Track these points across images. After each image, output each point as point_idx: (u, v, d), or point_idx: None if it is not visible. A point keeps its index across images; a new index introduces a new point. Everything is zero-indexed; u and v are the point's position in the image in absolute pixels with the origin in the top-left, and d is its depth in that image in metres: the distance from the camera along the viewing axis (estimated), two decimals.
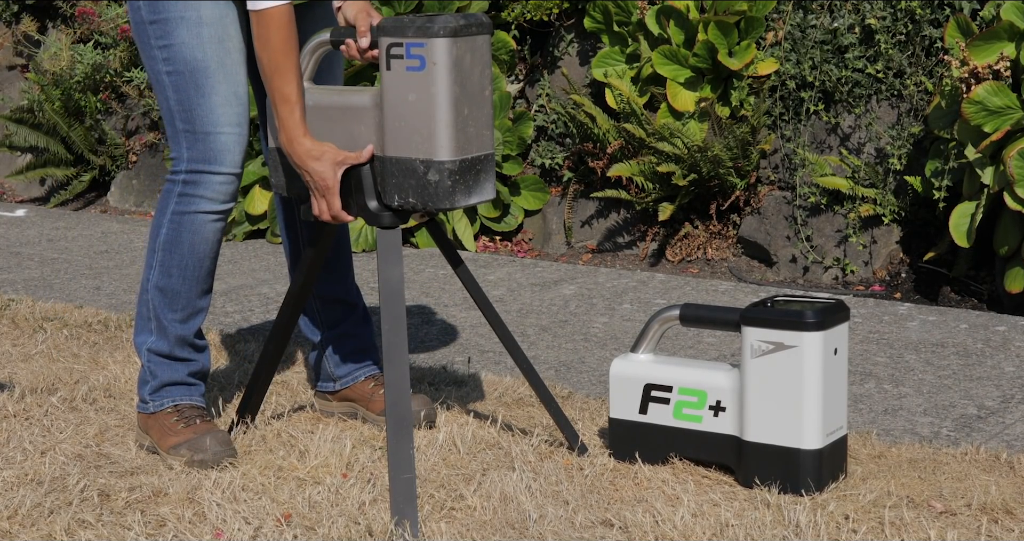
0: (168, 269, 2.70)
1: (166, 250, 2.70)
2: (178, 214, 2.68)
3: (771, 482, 2.52)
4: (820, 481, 2.51)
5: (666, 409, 2.63)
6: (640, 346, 2.70)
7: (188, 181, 2.66)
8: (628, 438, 2.68)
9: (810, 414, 2.49)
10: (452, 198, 2.44)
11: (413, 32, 2.38)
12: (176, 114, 2.66)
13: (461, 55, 2.39)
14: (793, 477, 2.50)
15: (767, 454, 2.52)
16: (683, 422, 2.62)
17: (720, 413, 2.58)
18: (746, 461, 2.55)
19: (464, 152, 2.44)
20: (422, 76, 2.39)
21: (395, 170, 2.47)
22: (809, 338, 2.47)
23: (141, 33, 2.67)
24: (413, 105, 2.41)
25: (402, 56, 2.39)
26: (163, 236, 2.70)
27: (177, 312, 2.73)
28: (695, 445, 2.62)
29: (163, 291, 2.72)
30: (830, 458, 2.53)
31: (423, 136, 2.42)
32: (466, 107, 2.43)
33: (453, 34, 2.37)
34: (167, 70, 2.64)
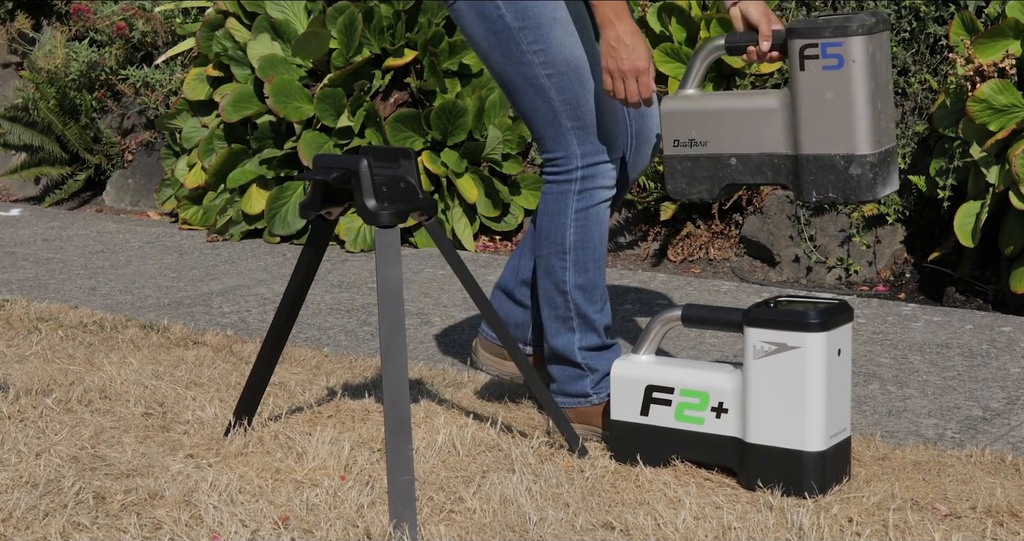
0: (584, 265, 2.76)
1: (579, 248, 2.74)
2: (583, 210, 2.73)
3: (774, 484, 2.50)
4: (823, 483, 2.49)
5: (667, 411, 2.62)
6: (642, 347, 2.68)
7: (586, 176, 2.71)
8: (629, 440, 2.66)
9: (813, 416, 2.47)
10: (873, 190, 2.53)
11: (830, 32, 2.49)
12: (562, 113, 2.68)
13: (874, 51, 2.50)
14: (796, 479, 2.49)
15: (770, 456, 2.50)
16: (685, 424, 2.61)
17: (722, 415, 2.56)
18: (748, 463, 2.53)
19: (880, 144, 2.54)
20: (840, 74, 2.49)
21: (812, 167, 2.55)
22: (812, 339, 2.45)
23: (507, 40, 2.68)
24: (831, 103, 2.50)
25: (818, 56, 2.50)
26: (572, 235, 2.74)
27: (596, 303, 2.79)
28: (697, 447, 2.60)
29: (583, 288, 2.77)
30: (833, 460, 2.52)
31: (843, 132, 2.51)
32: (879, 101, 2.53)
33: (868, 32, 2.48)
34: (547, 73, 2.67)
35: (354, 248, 4.95)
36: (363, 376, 3.32)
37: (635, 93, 2.58)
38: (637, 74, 2.56)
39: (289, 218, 5.14)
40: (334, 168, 2.52)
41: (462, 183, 4.97)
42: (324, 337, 3.81)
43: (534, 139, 2.78)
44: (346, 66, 5.00)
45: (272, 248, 5.12)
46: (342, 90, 5.01)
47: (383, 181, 2.50)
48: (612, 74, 2.58)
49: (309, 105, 5.06)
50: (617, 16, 2.55)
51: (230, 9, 5.43)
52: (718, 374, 2.59)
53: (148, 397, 3.12)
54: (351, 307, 4.15)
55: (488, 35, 2.68)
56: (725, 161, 2.66)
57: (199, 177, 5.41)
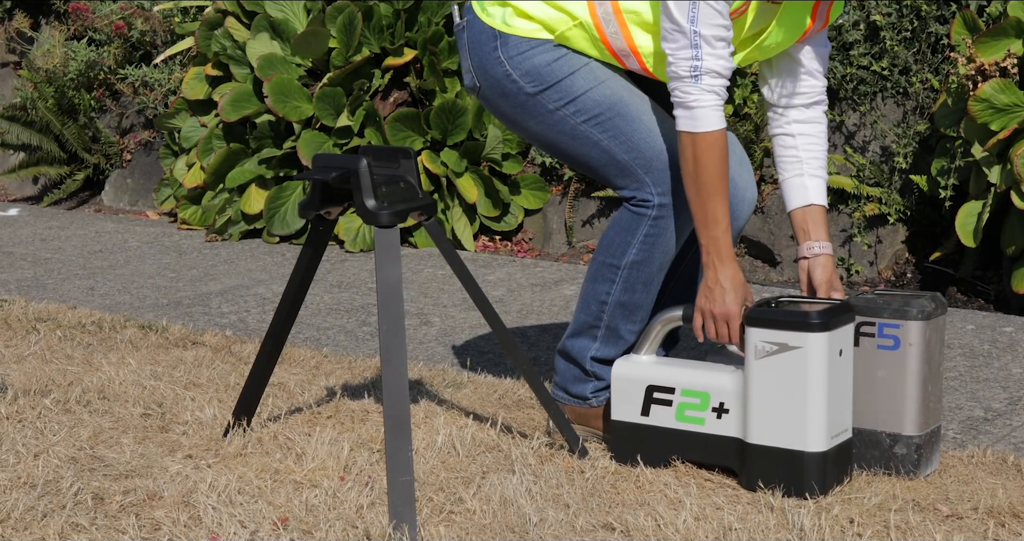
0: (633, 285, 2.74)
1: (634, 269, 2.72)
2: (651, 237, 2.69)
3: (775, 485, 2.49)
4: (824, 484, 2.48)
5: (668, 411, 2.61)
6: (642, 347, 2.67)
7: (663, 204, 2.67)
8: (630, 440, 2.66)
9: (815, 416, 2.47)
10: (917, 470, 2.58)
11: (889, 314, 2.55)
12: (615, 150, 2.67)
13: (930, 336, 2.56)
14: (797, 480, 2.48)
15: (771, 457, 2.50)
16: (685, 424, 2.60)
17: (723, 415, 2.56)
18: (749, 464, 2.53)
19: (927, 426, 2.59)
20: (895, 355, 2.56)
21: (857, 441, 2.60)
22: (814, 339, 2.45)
23: (534, 107, 2.70)
24: (883, 381, 2.57)
25: (874, 335, 2.57)
26: (633, 256, 2.71)
27: (635, 324, 2.77)
28: (698, 447, 2.60)
29: (625, 305, 2.75)
30: (835, 461, 2.51)
31: (892, 411, 2.57)
32: (930, 383, 2.58)
33: (927, 318, 2.55)
34: (583, 120, 2.68)
35: (353, 248, 4.95)
36: (362, 376, 3.32)
37: (725, 336, 2.58)
38: (728, 319, 2.56)
39: (288, 218, 5.13)
40: (333, 168, 2.51)
41: (462, 183, 4.96)
42: (323, 337, 3.80)
43: (608, 187, 2.77)
44: (345, 65, 5.00)
45: (271, 248, 5.11)
46: (341, 89, 5.00)
47: (382, 181, 2.49)
48: (704, 313, 2.58)
49: (308, 104, 5.05)
50: (721, 260, 2.55)
51: (229, 8, 5.42)
52: (719, 374, 2.58)
53: (147, 397, 3.11)
54: (350, 307, 4.14)
55: (516, 109, 2.72)
56: None
57: (198, 177, 5.40)
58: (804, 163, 2.74)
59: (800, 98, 2.75)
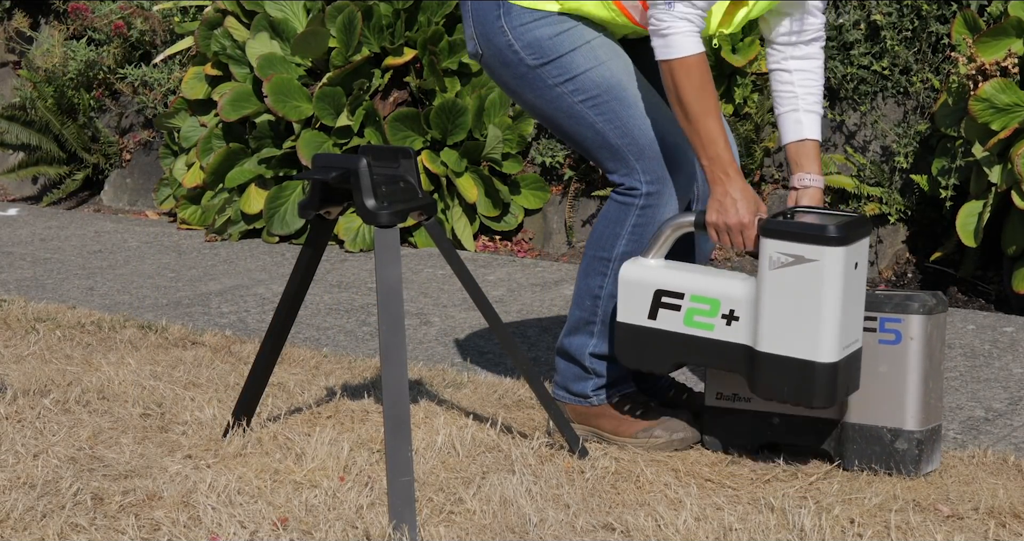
0: None
1: (625, 260, 2.71)
2: (640, 227, 2.71)
3: (783, 390, 2.49)
4: (833, 394, 2.49)
5: (676, 316, 2.60)
6: (650, 251, 2.66)
7: (650, 193, 2.69)
8: (635, 343, 2.64)
9: (828, 328, 2.46)
10: (918, 466, 2.59)
11: (890, 308, 2.57)
12: (608, 134, 2.69)
13: (931, 331, 2.57)
14: (808, 389, 2.48)
15: (781, 365, 2.49)
16: (694, 329, 2.59)
17: (733, 322, 2.55)
18: (759, 371, 2.52)
19: (928, 422, 2.60)
20: (896, 349, 2.57)
21: (858, 436, 2.61)
22: (831, 253, 2.44)
23: (533, 79, 2.71)
24: (884, 376, 2.58)
25: (875, 330, 2.58)
26: (622, 247, 2.73)
27: None
28: (705, 352, 2.59)
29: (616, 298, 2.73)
30: (845, 371, 2.51)
31: (893, 406, 2.58)
32: (931, 380, 2.59)
33: (929, 312, 2.56)
34: (580, 99, 2.69)
35: (353, 248, 4.94)
36: (362, 376, 3.31)
37: (740, 244, 2.58)
38: (742, 228, 2.56)
39: (288, 218, 5.13)
40: (333, 167, 2.51)
41: (462, 183, 4.95)
42: (323, 337, 3.80)
43: (598, 167, 2.77)
44: (345, 65, 4.99)
45: (271, 248, 5.11)
46: (341, 89, 5.00)
47: (382, 180, 2.49)
48: (718, 227, 2.58)
49: (308, 104, 5.05)
50: (727, 174, 2.55)
51: (229, 8, 5.42)
52: (730, 281, 2.57)
53: (146, 398, 3.10)
54: (350, 307, 4.14)
55: (516, 80, 2.72)
56: (768, 420, 2.70)
57: (197, 176, 5.40)
58: (799, 98, 2.75)
59: (799, 36, 2.76)
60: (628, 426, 2.78)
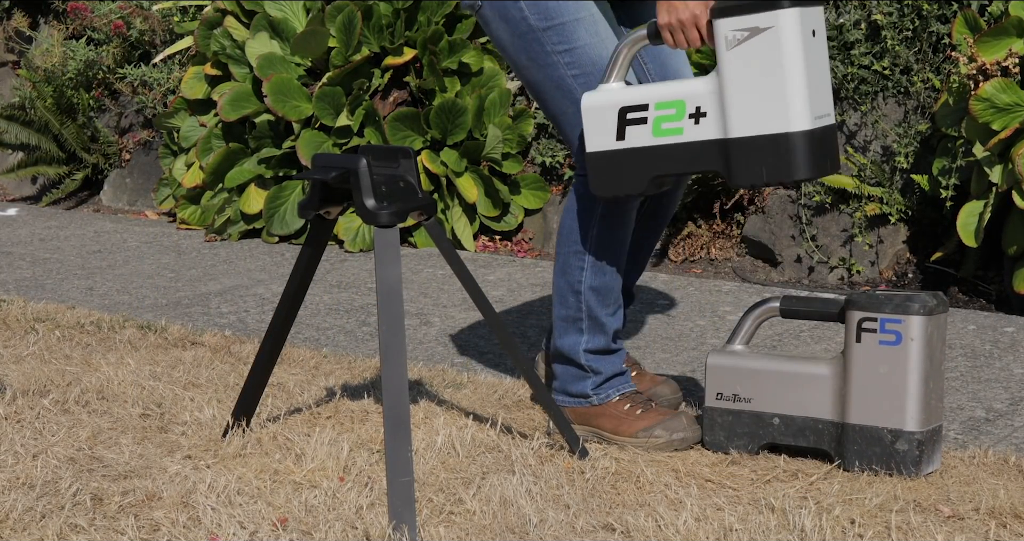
0: (601, 268, 2.76)
1: (600, 249, 2.73)
2: (609, 215, 2.71)
3: (761, 171, 2.46)
4: (813, 164, 2.45)
5: (644, 129, 2.55)
6: (610, 76, 2.61)
7: None
8: (609, 169, 2.59)
9: (796, 95, 2.41)
10: (919, 467, 2.58)
11: (891, 309, 2.56)
12: None
13: (932, 331, 2.57)
14: (786, 162, 2.44)
15: (755, 146, 2.45)
16: (664, 138, 2.54)
17: (701, 119, 2.50)
18: (735, 159, 2.48)
19: (929, 423, 2.60)
20: (897, 350, 2.56)
21: (858, 437, 2.61)
22: (785, 15, 2.39)
23: (532, 42, 2.67)
24: (885, 377, 2.58)
25: (875, 330, 2.57)
26: (594, 238, 2.72)
27: (609, 307, 2.79)
28: (678, 158, 2.54)
29: (597, 290, 2.77)
30: (821, 143, 2.47)
31: (893, 407, 2.57)
32: (931, 380, 2.59)
33: (929, 313, 2.56)
34: (573, 74, 2.65)
35: (353, 248, 4.94)
36: (362, 377, 3.31)
37: (697, 40, 2.52)
38: (696, 21, 2.50)
39: (287, 218, 5.12)
40: (333, 167, 2.51)
41: (462, 182, 4.95)
42: (323, 337, 3.79)
43: (565, 142, 2.75)
44: (345, 65, 4.99)
45: (270, 248, 5.10)
46: (341, 89, 4.99)
47: (382, 180, 2.48)
48: (671, 28, 2.52)
49: (308, 104, 5.04)
50: None
51: (228, 7, 5.41)
52: (691, 82, 2.54)
53: (146, 398, 3.10)
54: (350, 307, 4.13)
55: (513, 38, 2.67)
56: (768, 420, 2.70)
57: (197, 176, 5.39)
58: None
59: None
60: (628, 425, 2.78)
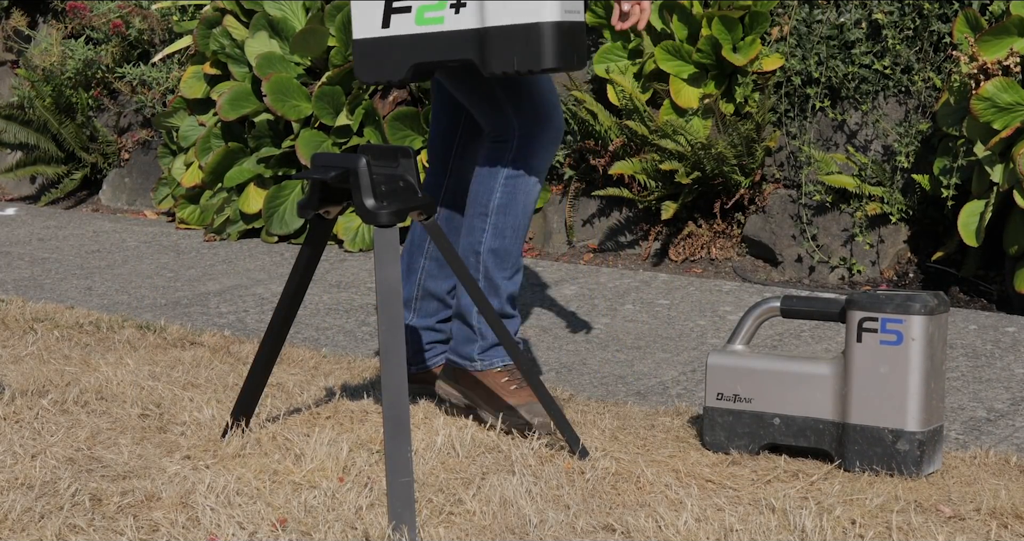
0: (502, 230, 2.86)
1: (501, 213, 2.85)
2: (511, 178, 2.84)
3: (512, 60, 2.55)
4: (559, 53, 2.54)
5: (408, 18, 2.63)
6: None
7: (521, 146, 2.81)
8: (373, 56, 2.67)
9: None
10: (920, 467, 2.58)
11: (892, 309, 2.58)
12: (496, 85, 2.77)
13: (933, 331, 2.59)
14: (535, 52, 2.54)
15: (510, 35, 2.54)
16: (426, 26, 2.62)
17: (461, 9, 2.59)
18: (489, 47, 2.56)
19: (930, 423, 2.60)
20: (898, 350, 2.58)
21: (859, 438, 2.62)
22: None
23: None
24: (885, 377, 2.59)
25: (876, 330, 2.59)
26: (497, 200, 2.85)
27: (506, 270, 2.89)
28: (438, 47, 2.61)
29: (496, 252, 2.87)
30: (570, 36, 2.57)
31: (894, 407, 2.58)
32: (932, 380, 2.60)
33: (930, 312, 2.57)
34: None
35: (353, 248, 4.93)
36: (362, 377, 3.30)
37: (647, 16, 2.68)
38: None
39: (287, 217, 5.12)
40: (332, 167, 2.50)
41: None
42: (322, 337, 3.78)
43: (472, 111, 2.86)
44: (344, 64, 4.98)
45: (270, 248, 5.10)
46: (340, 88, 4.98)
47: (382, 180, 2.48)
48: None
49: (307, 103, 5.04)
50: None
51: (228, 7, 5.40)
52: None
53: (145, 398, 3.09)
54: (349, 307, 4.13)
55: None
56: (768, 420, 2.71)
57: (196, 176, 5.39)
58: None
59: None
60: (498, 401, 2.84)
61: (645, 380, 3.35)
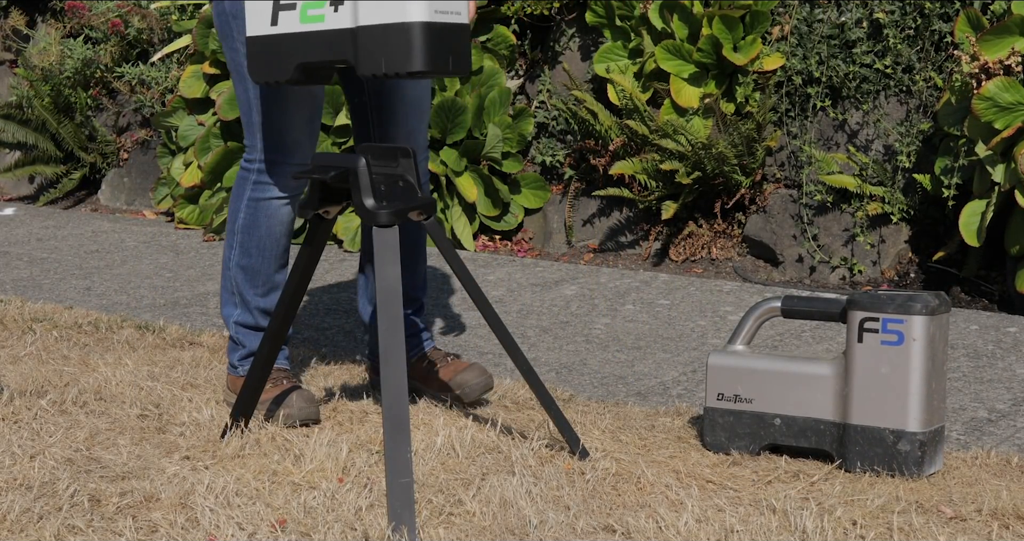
0: (248, 249, 2.93)
1: (245, 232, 2.92)
2: (254, 201, 2.89)
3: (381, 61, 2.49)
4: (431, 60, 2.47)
5: (293, 15, 2.60)
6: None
7: (262, 170, 2.86)
8: (263, 55, 2.62)
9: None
10: (920, 467, 2.58)
11: (893, 309, 2.57)
12: (253, 106, 2.83)
13: (934, 332, 2.58)
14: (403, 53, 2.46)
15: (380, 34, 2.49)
16: (308, 25, 2.58)
17: (339, 7, 2.54)
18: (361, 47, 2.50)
19: (931, 424, 2.60)
20: (899, 350, 2.58)
21: (860, 438, 2.62)
22: None
23: (224, 24, 2.83)
24: (886, 377, 2.58)
25: (877, 330, 2.59)
26: (241, 220, 2.91)
27: (258, 288, 2.96)
28: (319, 47, 2.57)
29: (245, 269, 2.94)
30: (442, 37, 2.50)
31: (895, 408, 2.58)
32: (933, 381, 2.60)
33: (931, 313, 2.57)
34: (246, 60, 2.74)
35: (352, 248, 4.92)
36: (361, 377, 3.30)
37: None
38: None
39: None
40: (332, 167, 2.50)
41: (461, 182, 4.94)
42: (322, 338, 3.78)
43: None
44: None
45: None
46: (340, 88, 4.98)
47: (381, 180, 2.48)
48: None
49: None
50: None
51: None
52: None
53: (144, 398, 3.09)
54: (349, 307, 4.12)
55: (217, 16, 2.84)
56: (769, 421, 2.70)
57: (195, 176, 5.38)
58: None
59: None
60: None
61: (645, 380, 3.35)
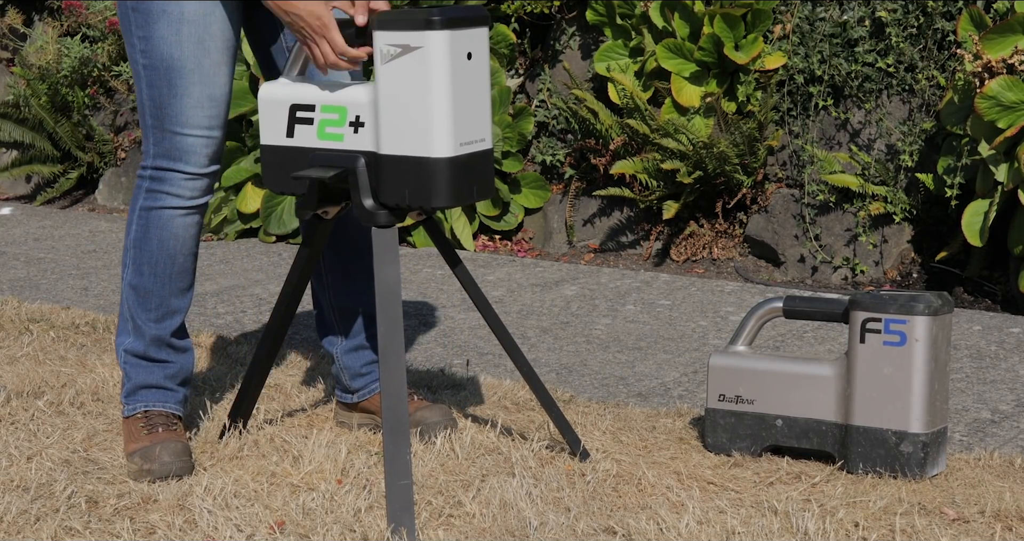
0: (140, 267, 2.69)
1: (137, 247, 2.68)
2: (145, 210, 2.67)
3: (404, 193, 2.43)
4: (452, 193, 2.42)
5: (310, 130, 2.55)
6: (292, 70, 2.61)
7: (154, 177, 2.66)
8: (278, 165, 2.59)
9: (439, 120, 2.39)
10: (923, 469, 2.58)
11: (895, 309, 2.57)
12: (147, 108, 2.64)
13: (936, 332, 2.58)
14: (426, 188, 2.41)
15: (401, 166, 2.43)
16: (326, 142, 2.53)
17: (360, 129, 2.49)
18: (382, 175, 2.46)
19: (934, 424, 2.60)
20: (901, 351, 2.57)
21: (862, 439, 2.61)
22: (434, 37, 2.37)
23: (124, 18, 2.64)
24: (889, 378, 2.58)
25: (880, 331, 2.58)
26: (133, 233, 2.69)
27: (151, 311, 2.70)
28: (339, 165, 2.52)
29: (136, 289, 2.70)
30: (467, 170, 2.44)
31: (898, 409, 2.58)
32: (936, 382, 2.59)
33: (934, 313, 2.57)
34: (143, 62, 2.62)
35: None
36: None
37: (330, 53, 2.47)
38: (324, 32, 2.46)
39: (285, 217, 5.10)
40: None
41: None
42: None
43: None
44: None
45: (267, 248, 5.09)
46: None
47: None
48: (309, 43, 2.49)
49: None
50: None
51: None
52: (356, 88, 2.51)
53: None
54: None
55: (119, 9, 2.64)
56: (771, 422, 2.70)
57: None
58: None
59: None
60: (128, 445, 2.69)
61: (646, 381, 3.34)
